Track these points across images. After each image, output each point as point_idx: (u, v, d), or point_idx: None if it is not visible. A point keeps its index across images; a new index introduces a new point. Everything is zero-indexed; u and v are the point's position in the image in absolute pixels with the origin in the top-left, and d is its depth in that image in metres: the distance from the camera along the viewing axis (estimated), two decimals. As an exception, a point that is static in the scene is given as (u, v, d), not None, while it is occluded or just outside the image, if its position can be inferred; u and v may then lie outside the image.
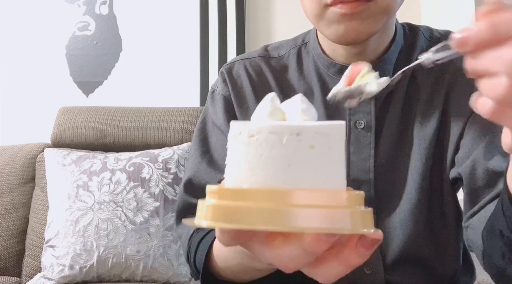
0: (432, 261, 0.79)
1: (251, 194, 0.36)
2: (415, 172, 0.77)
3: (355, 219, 0.36)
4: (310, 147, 0.36)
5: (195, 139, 0.86)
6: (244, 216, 0.35)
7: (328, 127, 0.37)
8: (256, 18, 2.18)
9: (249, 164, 0.37)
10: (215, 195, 0.37)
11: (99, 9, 2.22)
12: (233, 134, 0.38)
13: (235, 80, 0.85)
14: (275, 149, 0.36)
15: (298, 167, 0.36)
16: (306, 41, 0.86)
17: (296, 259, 0.38)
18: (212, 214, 0.36)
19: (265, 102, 0.40)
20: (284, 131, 0.36)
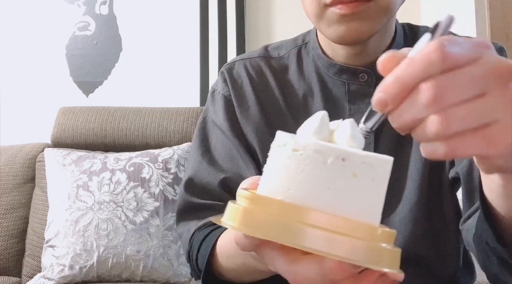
0: (432, 261, 0.79)
1: (284, 207, 0.35)
2: (415, 172, 0.77)
3: (382, 256, 0.36)
4: (353, 175, 0.36)
5: (195, 139, 0.86)
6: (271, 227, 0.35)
7: (376, 159, 0.37)
8: (256, 18, 2.17)
9: (287, 176, 0.36)
10: (247, 200, 0.37)
11: (99, 9, 2.22)
12: (278, 144, 0.38)
13: (236, 80, 0.85)
14: (318, 168, 0.36)
15: (337, 192, 0.36)
16: (306, 41, 0.86)
17: (312, 280, 0.37)
18: (241, 218, 0.36)
19: (314, 118, 0.39)
20: (330, 153, 0.36)
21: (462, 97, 0.35)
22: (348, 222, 0.35)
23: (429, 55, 0.35)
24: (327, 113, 0.40)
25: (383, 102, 0.37)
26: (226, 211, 0.38)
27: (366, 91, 0.78)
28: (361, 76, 0.78)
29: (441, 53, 0.35)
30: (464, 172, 0.72)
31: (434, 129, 0.35)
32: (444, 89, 0.35)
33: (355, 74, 0.78)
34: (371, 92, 0.77)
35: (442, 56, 0.35)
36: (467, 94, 0.35)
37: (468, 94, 0.35)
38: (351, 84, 0.79)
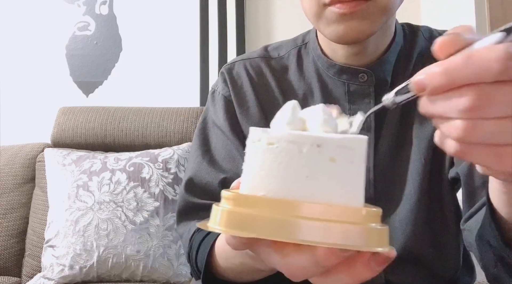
0: (432, 261, 0.79)
1: (266, 202, 0.35)
2: (414, 172, 0.77)
3: (370, 237, 0.35)
4: (331, 160, 0.35)
5: (195, 140, 0.86)
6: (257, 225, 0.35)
7: (352, 141, 0.36)
8: (256, 18, 2.17)
9: (266, 171, 0.36)
10: (230, 201, 0.37)
11: (99, 9, 2.22)
12: (252, 140, 0.38)
13: (236, 80, 0.85)
14: (294, 158, 0.35)
15: (316, 179, 0.35)
16: (306, 42, 0.86)
17: (306, 269, 0.37)
18: (226, 220, 0.36)
19: (285, 109, 0.39)
20: (304, 142, 0.35)
21: (498, 114, 0.34)
22: (332, 208, 0.35)
23: (490, 63, 0.33)
24: (297, 102, 0.40)
25: (422, 87, 0.36)
26: (211, 214, 0.38)
27: (366, 91, 0.78)
28: (361, 77, 0.78)
29: (504, 64, 0.32)
30: (464, 172, 0.72)
31: (456, 133, 0.35)
32: (487, 101, 0.34)
33: (355, 75, 0.78)
34: (371, 92, 0.77)
35: (505, 68, 0.33)
36: (504, 112, 0.34)
37: (506, 113, 0.34)
38: (351, 84, 0.79)
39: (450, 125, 0.35)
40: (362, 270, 0.38)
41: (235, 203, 0.37)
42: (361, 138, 0.37)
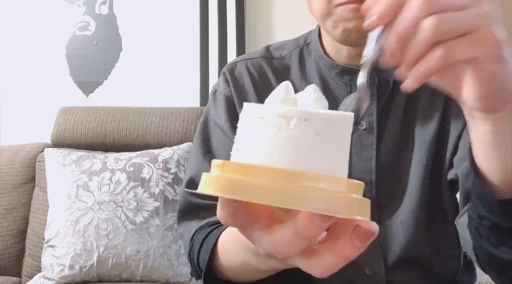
0: (433, 262, 0.80)
1: (254, 169, 0.36)
2: (416, 173, 0.77)
3: (351, 205, 0.36)
4: (317, 133, 0.37)
5: (196, 139, 0.86)
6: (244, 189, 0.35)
7: (337, 116, 0.38)
8: (256, 18, 2.17)
9: (255, 143, 0.38)
10: (219, 167, 0.38)
11: (99, 9, 2.22)
12: (244, 114, 0.39)
13: (237, 80, 0.85)
14: (282, 131, 0.37)
15: (302, 151, 0.37)
16: (308, 42, 0.86)
17: (289, 242, 0.38)
18: (215, 184, 0.37)
19: (279, 89, 0.41)
20: (292, 116, 0.37)
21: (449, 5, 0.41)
22: (315, 176, 0.36)
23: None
24: (290, 82, 0.41)
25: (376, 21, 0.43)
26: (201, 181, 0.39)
27: None
28: None
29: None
30: (463, 174, 0.72)
31: (429, 30, 0.40)
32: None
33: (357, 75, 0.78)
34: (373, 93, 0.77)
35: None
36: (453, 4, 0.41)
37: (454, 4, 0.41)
38: (353, 85, 0.79)
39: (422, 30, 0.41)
40: (345, 247, 0.38)
41: (224, 169, 0.38)
42: (347, 114, 0.38)
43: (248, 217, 0.40)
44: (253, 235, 0.41)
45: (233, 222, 0.40)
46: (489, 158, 0.53)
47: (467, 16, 0.41)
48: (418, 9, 0.41)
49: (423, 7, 0.40)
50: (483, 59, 0.42)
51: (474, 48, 0.41)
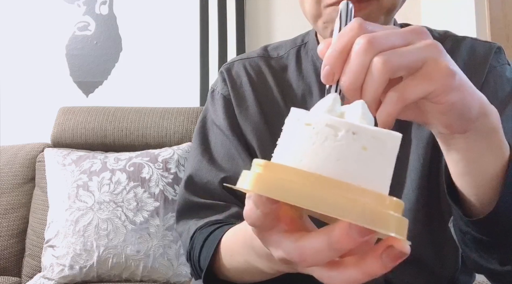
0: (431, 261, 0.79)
1: (297, 173, 0.36)
2: (413, 172, 0.77)
3: (391, 222, 0.35)
4: (363, 148, 0.36)
5: (195, 139, 0.86)
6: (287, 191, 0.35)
7: (386, 134, 0.38)
8: (256, 18, 2.18)
9: (299, 149, 0.37)
10: (261, 167, 0.38)
11: (99, 9, 2.22)
12: (291, 119, 0.39)
13: (235, 80, 0.85)
14: (329, 141, 0.37)
15: (347, 163, 0.36)
16: (305, 42, 0.86)
17: (319, 252, 0.37)
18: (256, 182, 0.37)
19: (326, 99, 0.40)
20: (341, 127, 0.37)
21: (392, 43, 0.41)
22: (358, 189, 0.36)
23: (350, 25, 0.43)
24: (338, 95, 0.42)
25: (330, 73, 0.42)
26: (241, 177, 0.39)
27: None
28: None
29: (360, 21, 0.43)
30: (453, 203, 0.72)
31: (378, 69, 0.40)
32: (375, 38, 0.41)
33: None
34: None
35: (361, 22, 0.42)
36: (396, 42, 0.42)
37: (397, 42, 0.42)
38: None
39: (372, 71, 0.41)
40: (373, 265, 0.37)
41: (266, 169, 0.37)
42: (395, 134, 0.38)
43: (274, 219, 0.39)
44: (271, 239, 0.40)
45: (262, 222, 0.40)
46: (462, 175, 0.54)
47: (413, 49, 0.42)
48: (363, 52, 0.41)
49: (368, 50, 0.41)
50: (438, 93, 0.42)
51: (426, 84, 0.42)
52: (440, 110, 0.44)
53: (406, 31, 0.43)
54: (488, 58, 0.78)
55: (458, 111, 0.45)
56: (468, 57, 0.79)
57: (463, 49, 0.80)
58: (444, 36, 0.83)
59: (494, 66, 0.77)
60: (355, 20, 0.43)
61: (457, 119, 0.46)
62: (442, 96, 0.43)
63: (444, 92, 0.42)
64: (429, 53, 0.42)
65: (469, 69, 0.77)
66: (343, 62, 0.42)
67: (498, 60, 0.78)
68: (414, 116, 0.48)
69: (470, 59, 0.79)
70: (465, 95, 0.44)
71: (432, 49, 0.42)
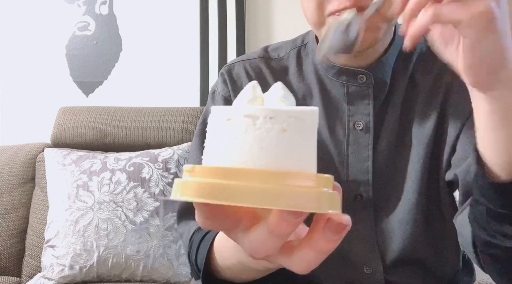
0: (431, 262, 0.80)
1: (222, 172, 0.37)
2: (413, 173, 0.77)
3: (320, 200, 0.36)
4: (283, 130, 0.37)
5: (195, 139, 0.87)
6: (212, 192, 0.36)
7: (301, 112, 0.38)
8: (256, 18, 2.17)
9: (225, 146, 0.38)
10: (188, 172, 0.38)
11: (99, 9, 2.22)
12: (212, 117, 0.39)
13: (235, 81, 0.85)
14: (249, 131, 0.37)
15: (270, 149, 0.37)
16: (306, 43, 0.86)
17: (264, 242, 0.38)
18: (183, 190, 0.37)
19: (246, 89, 0.41)
20: (258, 115, 0.37)
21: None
22: (282, 174, 0.36)
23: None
24: (257, 82, 0.42)
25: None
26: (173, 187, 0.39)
27: (365, 92, 0.78)
28: (360, 78, 0.78)
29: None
30: (462, 174, 0.72)
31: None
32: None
33: (354, 76, 0.78)
34: (370, 93, 0.78)
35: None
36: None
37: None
38: (350, 85, 0.79)
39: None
40: (319, 241, 0.38)
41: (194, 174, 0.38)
42: (311, 109, 0.38)
43: (227, 220, 0.40)
44: (237, 237, 0.41)
45: (210, 225, 0.41)
46: (486, 140, 0.53)
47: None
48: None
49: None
50: (467, 24, 0.43)
51: (459, 11, 0.43)
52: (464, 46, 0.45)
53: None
54: None
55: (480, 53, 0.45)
56: None
57: None
58: None
59: None
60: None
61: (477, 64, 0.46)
62: (470, 29, 0.43)
63: (474, 27, 0.43)
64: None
65: None
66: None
67: None
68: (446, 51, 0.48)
69: None
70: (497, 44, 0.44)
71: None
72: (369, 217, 0.79)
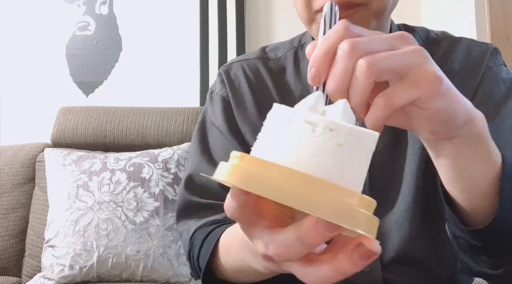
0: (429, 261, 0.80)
1: (270, 166, 0.37)
2: (409, 172, 0.77)
3: (359, 219, 0.36)
4: (339, 145, 0.37)
5: (194, 139, 0.87)
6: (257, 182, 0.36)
7: (362, 132, 0.38)
8: (256, 18, 2.18)
9: (278, 143, 0.38)
10: (237, 158, 0.38)
11: (99, 9, 2.22)
12: (273, 114, 0.39)
13: (233, 81, 0.85)
14: (306, 137, 0.37)
15: (322, 158, 0.37)
16: (303, 43, 0.87)
17: (289, 246, 0.38)
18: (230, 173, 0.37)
19: (310, 97, 0.41)
20: (318, 124, 0.37)
21: (377, 48, 0.41)
22: (328, 184, 0.36)
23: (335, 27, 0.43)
24: (321, 93, 0.42)
25: (316, 75, 0.43)
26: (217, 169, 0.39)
27: None
28: None
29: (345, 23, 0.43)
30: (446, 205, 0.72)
31: (362, 72, 0.41)
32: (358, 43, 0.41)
33: None
34: None
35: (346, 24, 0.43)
36: (380, 46, 0.42)
37: (381, 47, 0.42)
38: None
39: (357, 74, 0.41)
40: (344, 262, 0.37)
41: (242, 161, 0.38)
42: (371, 132, 0.38)
43: (253, 214, 0.40)
44: (255, 234, 0.41)
45: (238, 215, 0.40)
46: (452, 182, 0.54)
47: (398, 54, 0.42)
48: (347, 57, 0.41)
49: (351, 54, 0.41)
50: (425, 99, 0.42)
51: (413, 91, 0.41)
52: (426, 116, 0.44)
53: (390, 37, 0.43)
54: (484, 59, 0.78)
55: (444, 117, 0.45)
56: (464, 58, 0.79)
57: (459, 50, 0.80)
58: (442, 36, 0.83)
59: (490, 67, 0.78)
60: (340, 23, 0.43)
61: (443, 125, 0.46)
62: (428, 102, 0.43)
63: (430, 98, 0.42)
64: (415, 59, 0.42)
65: (465, 70, 0.77)
66: (329, 64, 0.42)
67: (494, 61, 0.79)
68: (400, 122, 0.48)
69: (466, 60, 0.79)
70: (452, 101, 0.44)
71: (418, 54, 0.42)
72: None
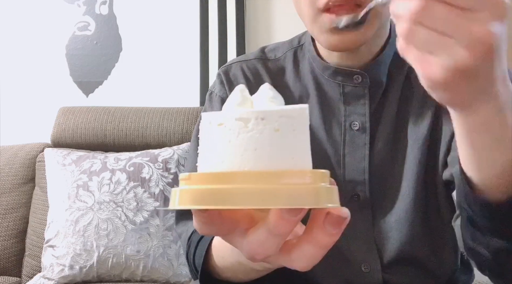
0: (429, 261, 0.80)
1: (217, 177, 0.37)
2: (409, 172, 0.77)
3: (318, 195, 0.36)
4: (275, 130, 0.37)
5: (193, 139, 0.87)
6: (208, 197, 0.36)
7: (292, 110, 0.38)
8: (256, 18, 2.17)
9: (218, 151, 0.38)
10: (185, 181, 0.38)
11: (99, 9, 2.22)
12: (203, 124, 0.39)
13: (232, 82, 0.86)
14: (242, 134, 0.37)
15: (264, 150, 0.37)
16: (302, 43, 0.87)
17: (264, 243, 0.38)
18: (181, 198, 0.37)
19: (235, 93, 0.41)
20: (249, 117, 0.37)
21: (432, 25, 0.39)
22: (278, 173, 0.36)
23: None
24: (244, 85, 0.42)
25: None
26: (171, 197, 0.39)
27: (361, 92, 0.78)
28: (355, 78, 0.78)
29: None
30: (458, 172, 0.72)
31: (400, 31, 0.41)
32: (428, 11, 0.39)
33: (349, 76, 0.78)
34: (366, 93, 0.78)
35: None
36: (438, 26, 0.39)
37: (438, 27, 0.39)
38: (345, 86, 0.79)
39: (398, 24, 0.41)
40: (320, 235, 0.38)
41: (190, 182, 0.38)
42: (301, 107, 0.39)
43: (224, 225, 0.40)
44: (233, 241, 0.41)
45: (208, 231, 0.40)
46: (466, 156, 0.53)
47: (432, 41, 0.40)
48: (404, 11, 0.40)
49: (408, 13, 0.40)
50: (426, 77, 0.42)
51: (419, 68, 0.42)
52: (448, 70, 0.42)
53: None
54: None
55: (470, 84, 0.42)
56: None
57: None
58: None
59: None
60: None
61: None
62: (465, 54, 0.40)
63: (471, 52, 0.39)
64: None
65: None
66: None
67: None
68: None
69: None
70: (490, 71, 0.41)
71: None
72: (367, 217, 0.79)
